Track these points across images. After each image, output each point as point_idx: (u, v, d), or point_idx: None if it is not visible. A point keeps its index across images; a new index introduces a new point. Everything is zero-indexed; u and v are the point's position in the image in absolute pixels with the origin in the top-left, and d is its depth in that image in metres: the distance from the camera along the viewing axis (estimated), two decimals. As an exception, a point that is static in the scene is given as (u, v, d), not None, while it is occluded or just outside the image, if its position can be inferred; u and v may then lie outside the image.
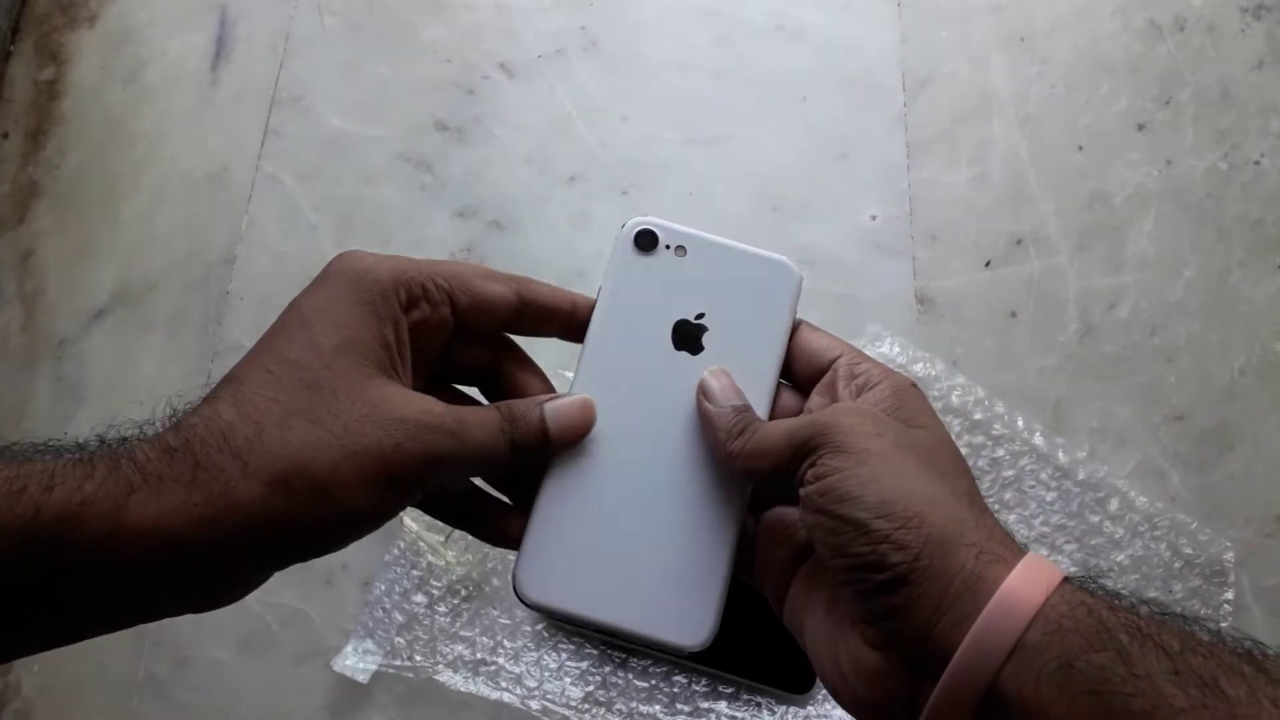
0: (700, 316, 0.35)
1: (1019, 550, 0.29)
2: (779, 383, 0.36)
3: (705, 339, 0.35)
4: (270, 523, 0.28)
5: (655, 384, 0.35)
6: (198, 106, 0.69)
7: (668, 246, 0.36)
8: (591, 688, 0.56)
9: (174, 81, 0.70)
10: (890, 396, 0.33)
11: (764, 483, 0.34)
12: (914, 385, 0.34)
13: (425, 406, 0.31)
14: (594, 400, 0.34)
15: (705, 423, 0.34)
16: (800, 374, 0.36)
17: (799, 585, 0.33)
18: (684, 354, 0.35)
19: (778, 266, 0.36)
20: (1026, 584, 0.27)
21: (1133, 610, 0.27)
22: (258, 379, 0.30)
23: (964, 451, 0.59)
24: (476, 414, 0.32)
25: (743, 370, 0.35)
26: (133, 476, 0.27)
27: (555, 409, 0.34)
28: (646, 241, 0.36)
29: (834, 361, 0.35)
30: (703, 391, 0.35)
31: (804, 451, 0.31)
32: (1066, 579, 0.28)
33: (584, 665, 0.56)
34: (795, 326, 0.36)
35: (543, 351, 0.38)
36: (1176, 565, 0.57)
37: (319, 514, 0.28)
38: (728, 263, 0.36)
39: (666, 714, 0.55)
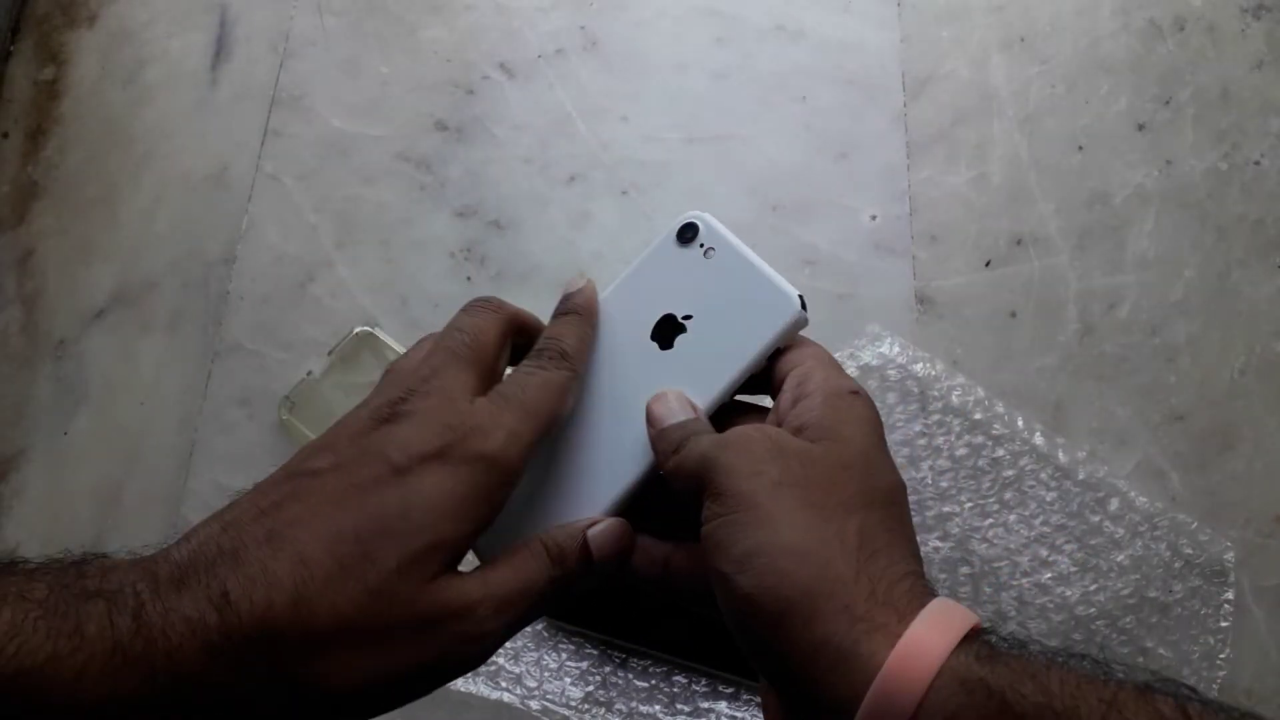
0: (687, 318, 0.36)
1: (912, 604, 0.26)
2: (738, 402, 0.36)
3: (679, 339, 0.36)
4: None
5: (622, 365, 0.36)
6: (198, 106, 0.69)
7: (701, 245, 0.37)
8: (591, 688, 0.56)
9: (174, 81, 0.70)
10: (820, 406, 0.30)
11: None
12: (855, 393, 0.31)
13: (468, 608, 0.28)
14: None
15: (651, 442, 0.33)
16: (775, 390, 0.35)
17: None
18: (654, 345, 0.36)
19: (781, 296, 0.35)
20: (908, 666, 0.24)
21: (1038, 677, 0.23)
22: (321, 564, 0.26)
23: (963, 452, 0.59)
24: (518, 572, 0.30)
25: (695, 380, 0.35)
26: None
27: (597, 536, 0.32)
28: (687, 234, 0.37)
29: (791, 373, 0.33)
30: (648, 416, 0.33)
31: (699, 487, 0.29)
32: (968, 639, 0.25)
33: (584, 665, 0.56)
34: (792, 345, 0.35)
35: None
36: (1176, 565, 0.57)
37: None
38: (741, 276, 0.36)
39: (666, 714, 0.55)
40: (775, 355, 0.35)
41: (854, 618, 0.25)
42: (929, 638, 0.24)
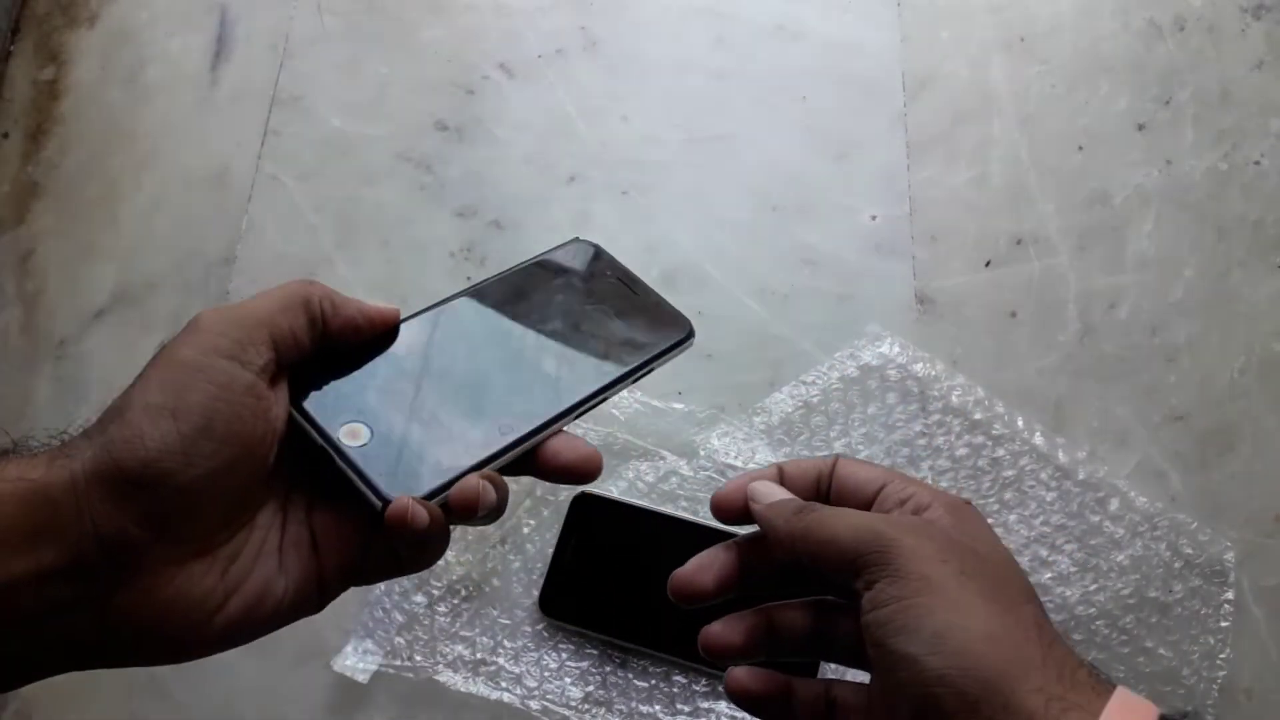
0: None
1: (1100, 687, 0.27)
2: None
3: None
4: (101, 454, 0.27)
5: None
6: (198, 106, 0.69)
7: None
8: (591, 688, 0.56)
9: (174, 81, 0.70)
10: (947, 514, 0.31)
11: (825, 578, 0.32)
12: (968, 504, 0.32)
13: None
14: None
15: (759, 517, 0.34)
16: (862, 505, 0.35)
17: None
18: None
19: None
20: None
21: None
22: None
23: (963, 452, 0.59)
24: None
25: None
26: (10, 454, 0.28)
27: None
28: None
29: (880, 490, 0.34)
30: (751, 496, 0.34)
31: (862, 563, 0.29)
32: None
33: (584, 665, 0.56)
34: (836, 460, 0.36)
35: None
36: (1176, 565, 0.57)
37: (131, 421, 0.28)
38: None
39: (666, 714, 0.55)
40: (829, 482, 0.36)
41: (1049, 697, 0.26)
42: (1129, 717, 0.25)
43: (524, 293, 0.38)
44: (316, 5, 0.71)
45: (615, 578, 0.57)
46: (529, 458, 0.34)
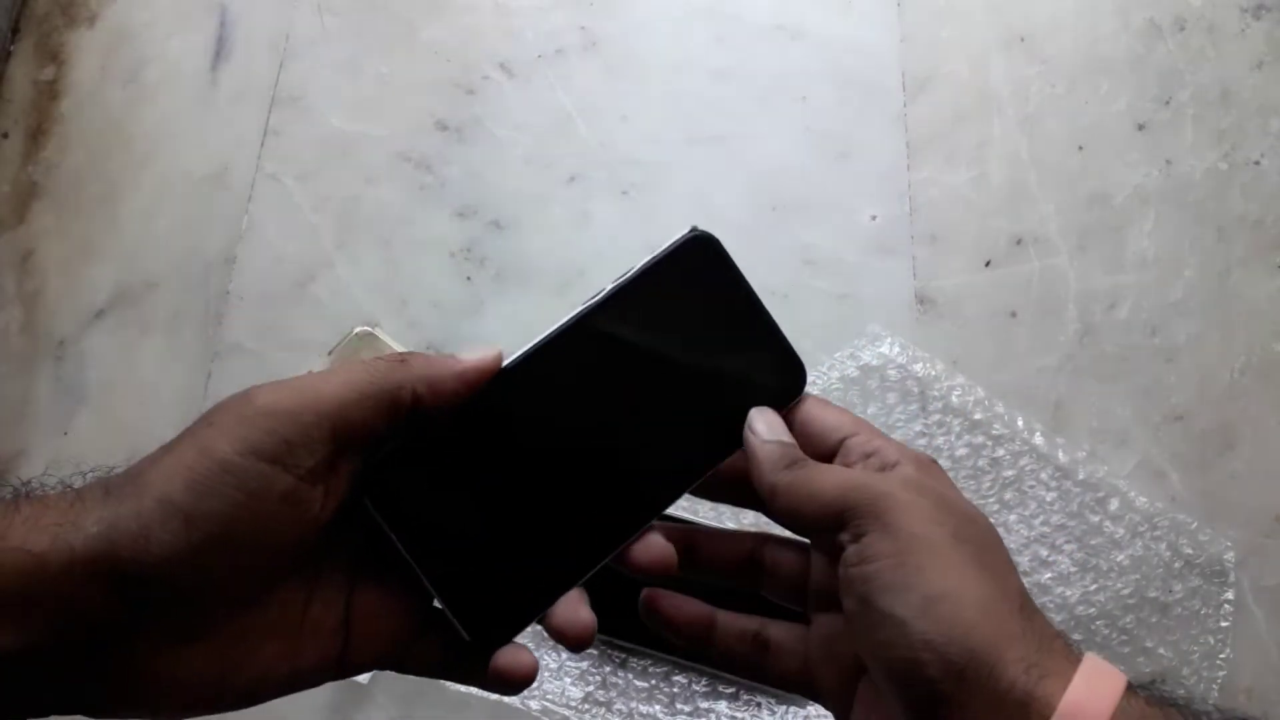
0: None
1: (1073, 656, 0.27)
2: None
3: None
4: (105, 539, 0.25)
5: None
6: (198, 106, 0.69)
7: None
8: (591, 688, 0.56)
9: (174, 81, 0.70)
10: (915, 476, 0.30)
11: (801, 530, 0.32)
12: (934, 462, 0.31)
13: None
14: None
15: (750, 455, 0.32)
16: (807, 453, 0.33)
17: (860, 705, 0.31)
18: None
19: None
20: (1086, 704, 0.25)
21: None
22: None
23: (963, 452, 0.59)
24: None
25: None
26: (22, 502, 0.26)
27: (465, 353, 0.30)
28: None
29: (843, 441, 0.32)
30: (749, 426, 0.32)
31: (852, 516, 0.28)
32: (1129, 689, 0.26)
33: (584, 665, 0.56)
34: (800, 400, 0.34)
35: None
36: (1176, 565, 0.57)
37: (142, 516, 0.25)
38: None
39: (666, 714, 0.55)
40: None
41: (1029, 665, 0.26)
42: (1100, 682, 0.26)
43: (639, 323, 0.32)
44: (316, 5, 0.71)
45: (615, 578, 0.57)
46: None
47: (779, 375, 0.33)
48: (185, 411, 0.62)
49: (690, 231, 0.33)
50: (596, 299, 0.32)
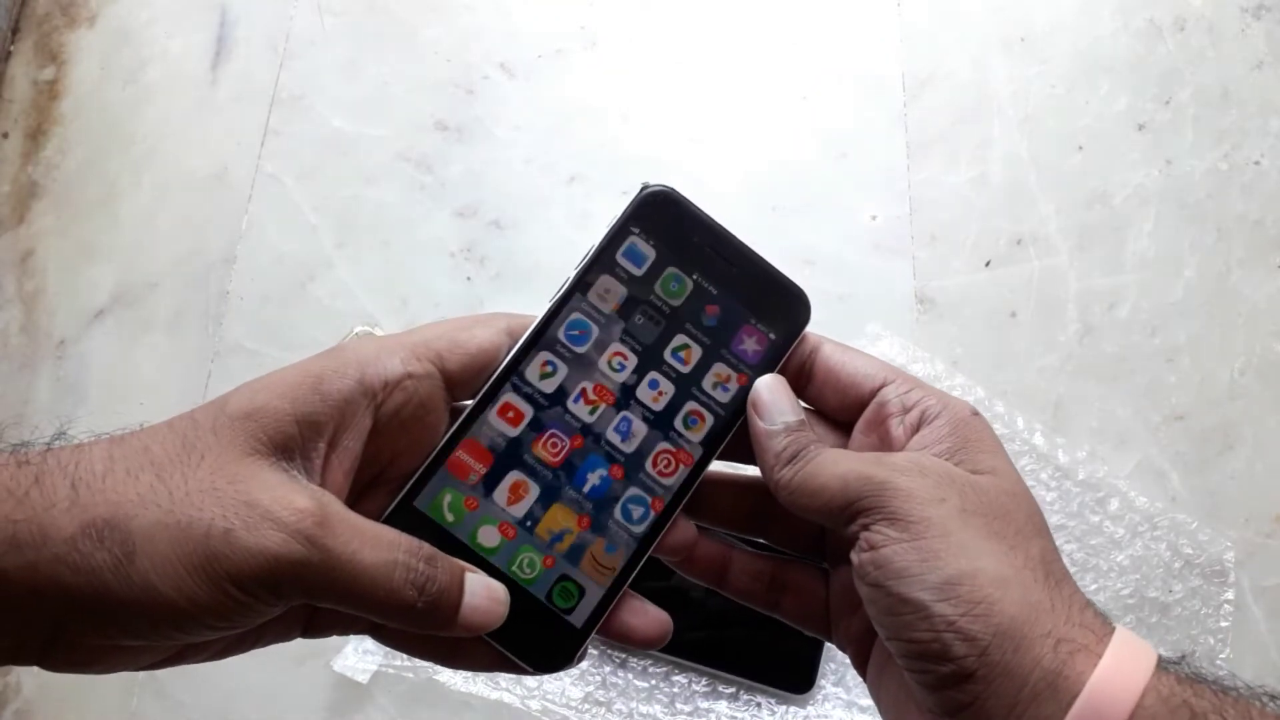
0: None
1: (1103, 628, 0.26)
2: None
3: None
4: (76, 573, 0.24)
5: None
6: (198, 106, 0.69)
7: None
8: (591, 688, 0.56)
9: (174, 81, 0.70)
10: (950, 435, 0.29)
11: (814, 521, 0.31)
12: (975, 414, 0.30)
13: (289, 497, 0.26)
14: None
15: (754, 441, 0.31)
16: (834, 404, 0.32)
17: (877, 654, 0.30)
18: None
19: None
20: (1115, 683, 0.24)
21: (1240, 706, 0.24)
22: (156, 428, 0.27)
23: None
24: (373, 529, 0.27)
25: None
26: None
27: (477, 589, 0.29)
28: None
29: (877, 391, 0.31)
30: (753, 404, 0.31)
31: (856, 509, 0.28)
32: (1161, 665, 0.25)
33: (584, 665, 0.56)
34: (817, 346, 0.33)
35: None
36: (1176, 565, 0.57)
37: (122, 583, 0.24)
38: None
39: (666, 714, 0.55)
40: (797, 360, 0.32)
41: (1058, 640, 0.25)
42: (1131, 658, 0.25)
43: (616, 296, 0.32)
44: (316, 5, 0.71)
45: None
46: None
47: (780, 310, 0.32)
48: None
49: (643, 189, 0.32)
50: (564, 286, 0.32)
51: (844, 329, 0.62)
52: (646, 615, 0.31)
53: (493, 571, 0.30)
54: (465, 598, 0.28)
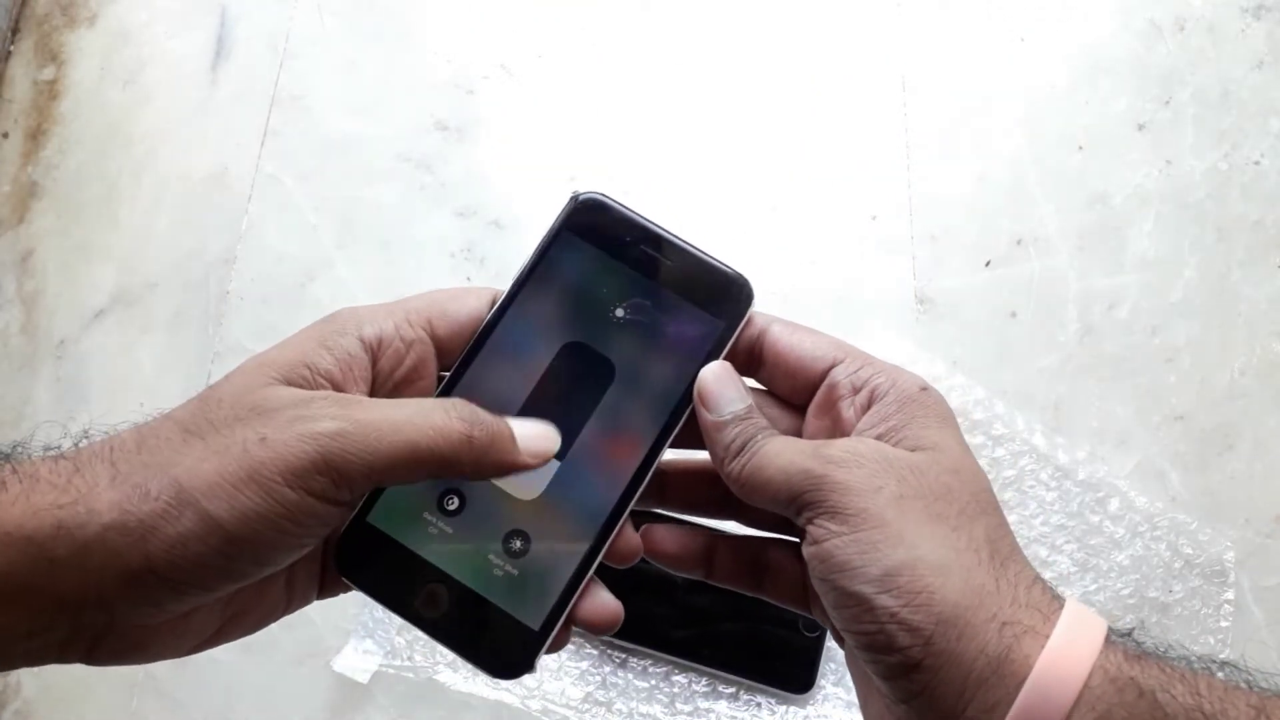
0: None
1: (1051, 605, 0.26)
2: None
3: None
4: (128, 535, 0.24)
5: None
6: (198, 106, 0.69)
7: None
8: (591, 688, 0.56)
9: (174, 81, 0.70)
10: (896, 413, 0.29)
11: (767, 509, 0.31)
12: (924, 389, 0.30)
13: (307, 393, 0.27)
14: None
15: (704, 434, 0.31)
16: (786, 388, 0.33)
17: None
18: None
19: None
20: (1062, 665, 0.24)
21: (1187, 679, 0.24)
22: (182, 406, 0.28)
23: (964, 451, 0.59)
24: (392, 400, 0.28)
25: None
26: (7, 476, 0.25)
27: (528, 433, 0.29)
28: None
29: (828, 371, 0.31)
30: (699, 395, 0.31)
31: (800, 503, 0.28)
32: (1110, 640, 0.25)
33: (584, 665, 0.56)
34: (765, 328, 0.33)
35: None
36: (1176, 565, 0.57)
37: (175, 525, 0.25)
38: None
39: (666, 714, 0.55)
40: (750, 345, 0.32)
41: (1003, 623, 0.25)
42: (1079, 637, 0.25)
43: (556, 307, 0.32)
44: (316, 5, 0.71)
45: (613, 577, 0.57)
46: None
47: (720, 297, 0.32)
48: (185, 411, 0.62)
49: (572, 199, 0.33)
50: (498, 305, 0.32)
51: (844, 329, 0.62)
52: (598, 601, 0.31)
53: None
54: (515, 428, 0.29)
